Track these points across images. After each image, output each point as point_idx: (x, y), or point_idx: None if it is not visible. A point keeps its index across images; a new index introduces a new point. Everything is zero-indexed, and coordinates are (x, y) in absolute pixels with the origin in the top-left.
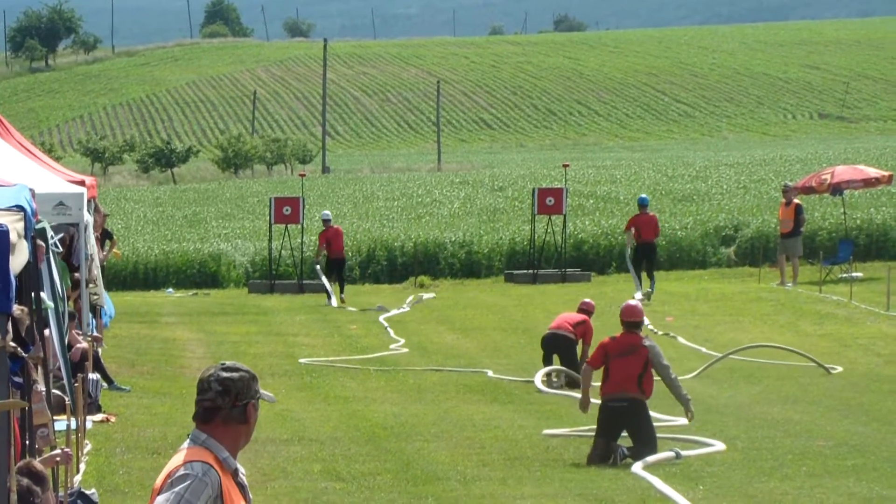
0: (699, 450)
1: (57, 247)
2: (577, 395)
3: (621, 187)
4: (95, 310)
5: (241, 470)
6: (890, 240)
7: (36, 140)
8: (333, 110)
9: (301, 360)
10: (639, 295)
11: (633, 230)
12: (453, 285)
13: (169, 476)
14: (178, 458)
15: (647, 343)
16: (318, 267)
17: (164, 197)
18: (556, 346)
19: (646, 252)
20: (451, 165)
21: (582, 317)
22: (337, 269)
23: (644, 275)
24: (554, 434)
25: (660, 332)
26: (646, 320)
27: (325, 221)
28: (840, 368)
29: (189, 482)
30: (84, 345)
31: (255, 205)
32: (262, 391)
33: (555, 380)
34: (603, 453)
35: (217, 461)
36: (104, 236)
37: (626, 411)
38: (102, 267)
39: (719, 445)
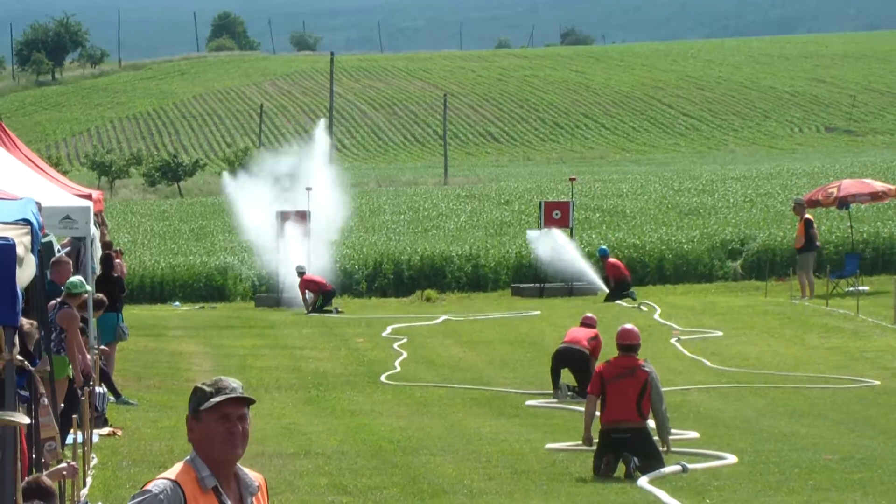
0: (711, 462)
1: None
2: (576, 407)
3: (628, 201)
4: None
5: (250, 488)
6: None
7: (43, 154)
8: (340, 124)
9: (382, 378)
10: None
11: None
12: (460, 299)
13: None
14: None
15: (647, 368)
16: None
17: (171, 210)
18: (570, 360)
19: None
20: (458, 179)
21: (594, 331)
22: (327, 298)
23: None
24: (557, 448)
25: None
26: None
27: (302, 273)
28: (878, 382)
29: (142, 498)
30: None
31: (261, 218)
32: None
33: (569, 394)
34: (611, 466)
35: (195, 480)
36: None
37: (629, 443)
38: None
39: (731, 458)
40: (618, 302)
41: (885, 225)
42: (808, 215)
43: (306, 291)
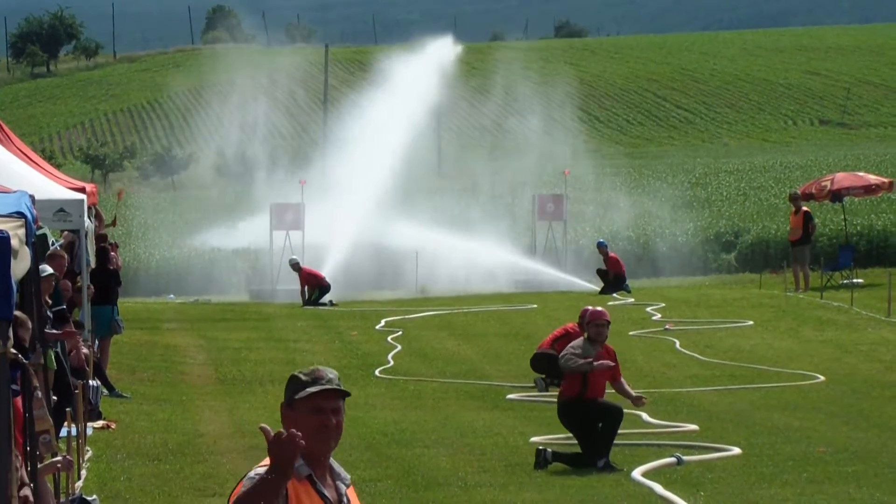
0: (715, 454)
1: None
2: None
3: (622, 194)
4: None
5: (343, 479)
6: (890, 246)
7: (36, 147)
8: (335, 116)
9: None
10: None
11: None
12: (454, 291)
13: None
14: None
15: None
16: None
17: (165, 203)
18: (542, 365)
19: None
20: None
21: (565, 329)
22: (323, 292)
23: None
24: (542, 441)
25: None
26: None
27: (296, 265)
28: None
29: (244, 484)
30: (85, 350)
31: (256, 211)
32: None
33: (550, 384)
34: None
35: None
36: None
37: (569, 409)
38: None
39: (735, 450)
40: (614, 295)
41: (879, 218)
42: (805, 208)
43: (305, 285)
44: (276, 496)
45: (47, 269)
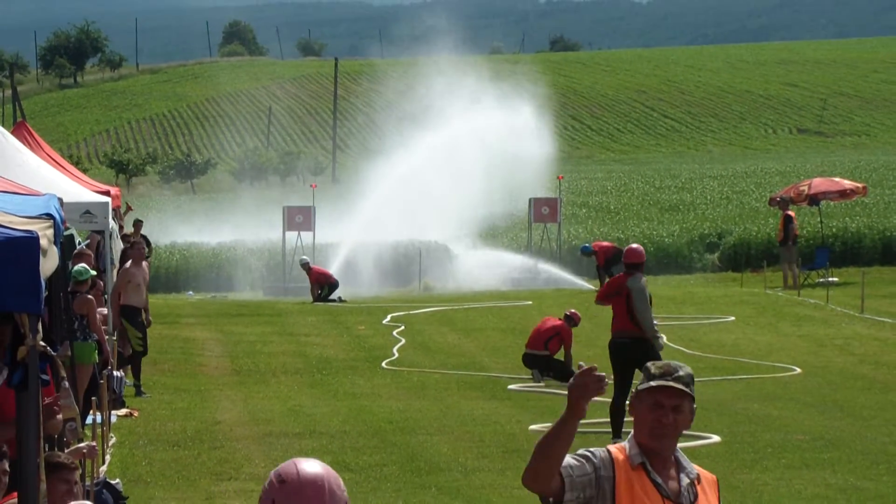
0: (696, 442)
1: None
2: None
3: (612, 198)
4: None
5: (688, 472)
6: (863, 247)
7: (64, 153)
8: (344, 125)
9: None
10: None
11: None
12: (456, 288)
13: None
14: None
15: (629, 283)
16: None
17: (185, 206)
18: (535, 364)
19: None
20: None
21: (555, 328)
22: (331, 289)
23: None
24: (541, 430)
25: None
26: None
27: (306, 265)
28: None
29: (583, 452)
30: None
31: (269, 213)
32: None
33: (543, 377)
34: (618, 395)
35: (626, 456)
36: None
37: (628, 347)
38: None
39: (715, 438)
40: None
41: (853, 220)
42: (789, 211)
43: (316, 283)
44: (566, 433)
45: (91, 272)
